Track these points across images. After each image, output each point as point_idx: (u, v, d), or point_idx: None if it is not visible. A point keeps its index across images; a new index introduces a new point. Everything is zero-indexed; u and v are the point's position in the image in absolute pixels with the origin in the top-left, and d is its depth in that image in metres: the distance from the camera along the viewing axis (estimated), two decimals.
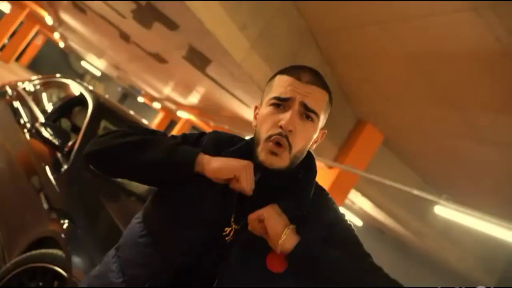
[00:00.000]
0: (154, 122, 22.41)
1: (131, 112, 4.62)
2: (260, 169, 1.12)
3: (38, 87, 4.78)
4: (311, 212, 1.15)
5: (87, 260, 2.08)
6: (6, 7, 14.84)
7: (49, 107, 4.09)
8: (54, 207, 2.49)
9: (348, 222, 1.24)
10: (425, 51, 4.59)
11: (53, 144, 2.92)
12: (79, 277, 2.01)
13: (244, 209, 1.09)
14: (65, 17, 12.71)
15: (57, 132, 3.02)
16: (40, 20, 20.63)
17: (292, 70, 1.18)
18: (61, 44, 22.07)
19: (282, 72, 1.21)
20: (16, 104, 4.30)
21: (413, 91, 5.64)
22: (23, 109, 4.08)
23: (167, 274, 1.06)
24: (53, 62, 34.78)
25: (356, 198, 10.30)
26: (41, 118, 3.63)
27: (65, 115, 3.99)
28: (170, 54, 8.08)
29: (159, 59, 9.21)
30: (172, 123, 24.81)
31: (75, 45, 22.38)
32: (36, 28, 21.92)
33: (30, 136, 3.46)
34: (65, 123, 4.16)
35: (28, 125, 3.60)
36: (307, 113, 1.13)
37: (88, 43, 16.70)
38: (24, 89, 4.71)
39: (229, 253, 1.06)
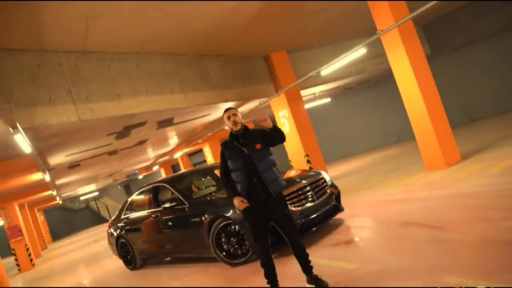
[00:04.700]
0: (163, 176, 25.86)
1: (178, 172, 8.08)
2: (241, 135, 3.86)
3: (127, 207, 8.19)
4: (256, 132, 3.94)
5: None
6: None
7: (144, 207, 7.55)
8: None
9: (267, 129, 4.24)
10: None
11: (174, 205, 6.39)
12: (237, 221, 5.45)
13: (244, 145, 3.81)
14: (62, 180, 15.96)
15: (169, 202, 6.50)
16: (36, 203, 23.78)
17: (226, 110, 3.88)
18: (60, 201, 25.24)
19: (225, 111, 3.89)
20: (130, 220, 7.78)
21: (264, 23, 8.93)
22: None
23: (249, 178, 3.77)
24: (61, 219, 37.91)
25: (311, 91, 13.74)
26: (154, 208, 7.09)
27: (157, 199, 7.38)
28: (148, 134, 11.42)
29: (141, 142, 12.54)
30: (174, 166, 28.34)
31: (67, 193, 25.62)
32: (34, 212, 25.17)
33: (155, 218, 6.91)
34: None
35: (152, 215, 7.04)
36: (235, 114, 3.84)
37: (80, 181, 19.94)
38: (126, 218, 8.11)
39: (250, 152, 3.78)
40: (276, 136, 3.88)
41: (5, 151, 7.07)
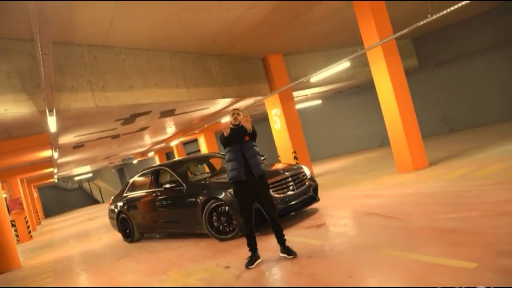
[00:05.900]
0: (157, 162, 26.83)
1: (177, 158, 9.05)
2: (237, 129, 5.07)
3: (129, 186, 9.16)
4: (246, 129, 5.21)
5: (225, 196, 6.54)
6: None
7: (146, 187, 8.52)
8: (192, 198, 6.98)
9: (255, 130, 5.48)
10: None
11: (173, 186, 7.38)
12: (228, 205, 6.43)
13: (240, 138, 4.99)
14: (63, 159, 16.82)
15: (169, 183, 7.48)
16: (33, 180, 24.58)
17: (234, 109, 5.23)
18: (56, 179, 26.10)
19: (232, 109, 5.25)
20: (131, 197, 8.75)
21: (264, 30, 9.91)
22: (137, 195, 8.55)
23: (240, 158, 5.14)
24: (53, 197, 38.68)
25: (304, 92, 14.73)
26: (154, 188, 8.06)
27: (157, 180, 8.36)
28: (150, 122, 12.37)
29: (142, 129, 13.47)
30: (169, 153, 29.28)
31: (64, 172, 26.44)
32: (31, 188, 25.98)
33: (155, 196, 7.90)
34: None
35: (153, 194, 8.02)
36: (237, 113, 5.16)
37: (78, 161, 20.80)
38: (127, 196, 9.08)
39: (243, 144, 4.96)
40: (253, 136, 5.11)
41: (29, 129, 8.00)
